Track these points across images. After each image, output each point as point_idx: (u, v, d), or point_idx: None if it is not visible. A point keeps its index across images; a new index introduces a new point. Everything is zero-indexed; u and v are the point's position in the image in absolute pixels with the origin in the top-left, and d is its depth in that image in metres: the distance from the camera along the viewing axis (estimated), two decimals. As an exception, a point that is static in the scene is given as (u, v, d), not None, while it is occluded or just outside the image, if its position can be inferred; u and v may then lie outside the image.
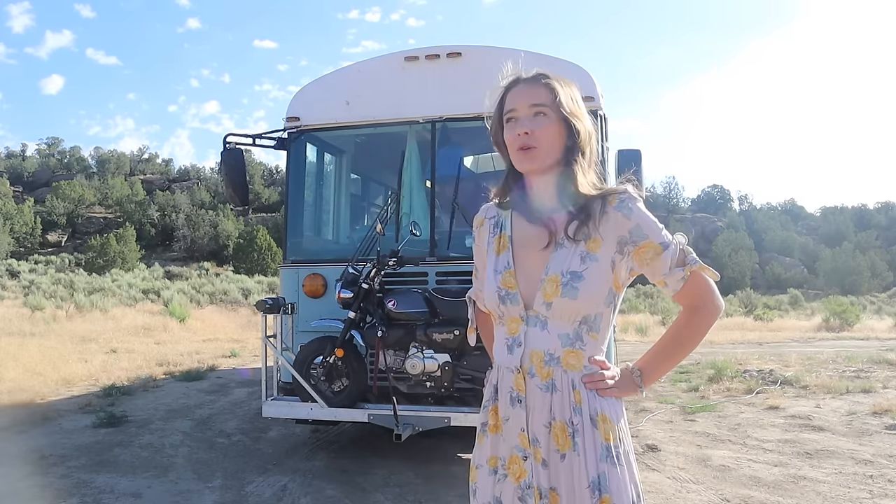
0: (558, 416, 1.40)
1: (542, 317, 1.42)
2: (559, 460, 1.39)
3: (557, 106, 1.40)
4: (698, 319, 1.45)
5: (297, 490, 4.01)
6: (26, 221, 50.48)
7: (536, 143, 1.41)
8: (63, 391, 7.19)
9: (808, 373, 8.05)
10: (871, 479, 4.11)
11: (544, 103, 1.41)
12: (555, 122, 1.41)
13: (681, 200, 74.12)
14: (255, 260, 38.28)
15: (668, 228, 1.42)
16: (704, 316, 1.44)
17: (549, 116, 1.41)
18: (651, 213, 1.42)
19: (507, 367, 1.46)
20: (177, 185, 68.82)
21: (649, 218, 1.41)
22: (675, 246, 1.41)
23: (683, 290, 1.42)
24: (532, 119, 1.41)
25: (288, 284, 4.81)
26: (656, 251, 1.39)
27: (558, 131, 1.41)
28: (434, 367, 4.04)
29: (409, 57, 4.70)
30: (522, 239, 1.48)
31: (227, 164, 4.83)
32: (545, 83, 1.42)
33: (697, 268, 1.41)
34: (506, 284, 1.46)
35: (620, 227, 1.39)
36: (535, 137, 1.41)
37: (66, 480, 4.16)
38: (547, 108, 1.41)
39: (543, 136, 1.40)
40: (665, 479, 4.19)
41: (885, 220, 65.52)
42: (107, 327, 13.27)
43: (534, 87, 1.43)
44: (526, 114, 1.41)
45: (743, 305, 25.98)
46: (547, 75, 1.45)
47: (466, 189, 4.66)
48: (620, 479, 1.37)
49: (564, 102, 1.40)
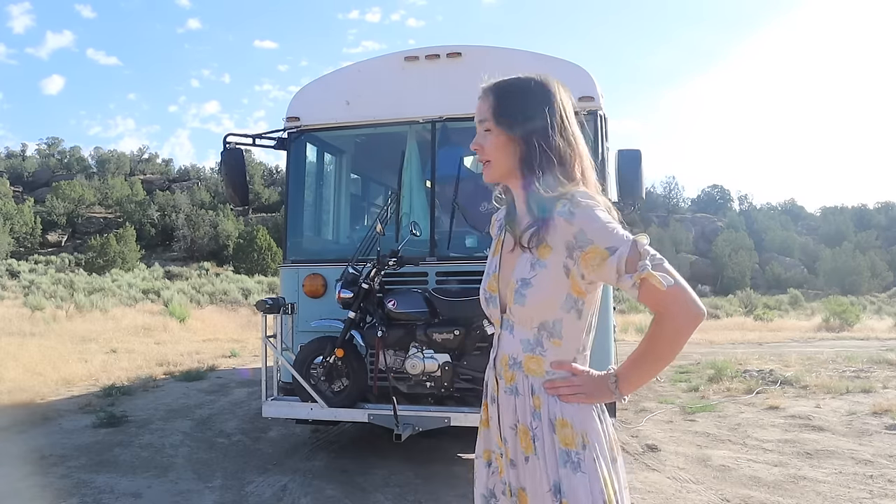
0: (521, 420, 1.43)
1: (510, 321, 1.46)
2: (524, 462, 1.42)
3: (493, 117, 1.42)
4: (665, 329, 1.36)
5: (297, 490, 4.01)
6: (26, 221, 50.48)
7: (489, 156, 1.45)
8: (63, 391, 7.19)
9: (808, 373, 8.05)
10: (871, 479, 4.11)
11: (484, 118, 1.44)
12: (498, 133, 1.42)
13: (681, 200, 74.08)
14: (255, 260, 38.28)
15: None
16: (670, 325, 1.35)
17: (492, 129, 1.43)
18: (605, 215, 1.35)
19: (490, 366, 1.54)
20: (177, 185, 68.81)
21: (596, 222, 1.33)
22: (625, 249, 1.30)
23: (641, 297, 1.32)
24: (483, 134, 1.45)
25: (288, 284, 4.81)
26: (602, 257, 1.32)
27: (503, 141, 1.42)
28: (434, 367, 4.04)
29: (409, 57, 4.70)
30: (509, 243, 1.50)
31: (227, 164, 4.83)
32: (484, 95, 1.45)
33: (646, 274, 1.29)
34: (490, 287, 1.51)
35: (565, 232, 1.35)
36: (485, 152, 1.45)
37: (66, 480, 4.16)
38: (487, 122, 1.44)
39: (491, 149, 1.44)
40: (665, 479, 4.19)
41: (885, 220, 65.48)
42: (107, 327, 13.27)
43: (480, 101, 1.46)
44: (479, 129, 1.46)
45: (743, 305, 25.99)
46: (491, 86, 1.46)
47: (466, 189, 4.65)
48: (579, 484, 1.34)
49: (498, 112, 1.42)
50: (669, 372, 8.78)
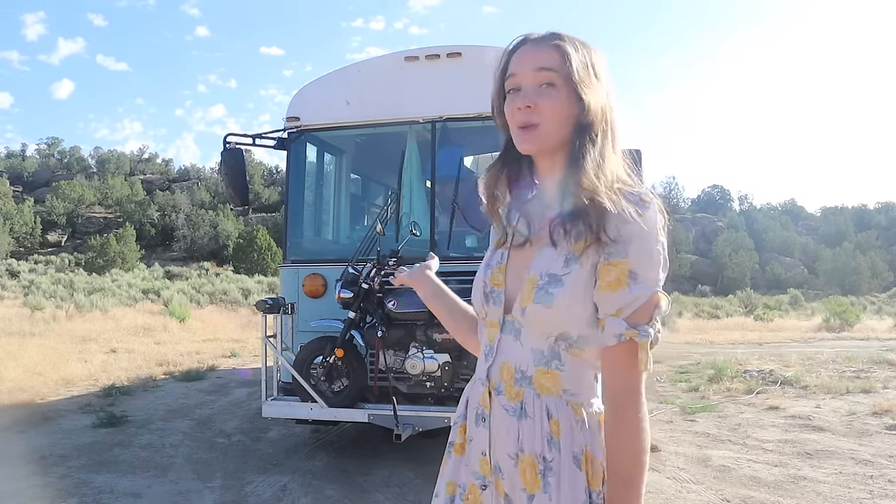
0: (527, 448, 1.13)
1: (517, 324, 1.17)
2: (525, 500, 1.13)
3: (567, 72, 1.11)
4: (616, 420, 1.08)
5: (297, 490, 4.01)
6: (26, 221, 50.48)
7: (540, 118, 1.12)
8: (63, 391, 7.18)
9: (808, 373, 8.05)
10: (871, 479, 4.11)
11: (552, 68, 1.12)
12: (564, 93, 1.12)
13: (681, 200, 74.09)
14: (255, 260, 38.25)
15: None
16: (622, 418, 1.07)
17: (558, 86, 1.12)
18: (661, 247, 1.09)
19: (479, 378, 1.23)
20: (177, 185, 68.82)
21: (649, 242, 1.07)
22: (645, 295, 1.06)
23: (609, 358, 1.09)
24: (537, 89, 1.13)
25: (288, 284, 4.81)
26: (619, 278, 1.06)
27: (568, 105, 1.12)
28: (434, 367, 4.04)
29: (410, 57, 4.69)
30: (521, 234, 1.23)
31: (227, 165, 4.83)
32: (556, 44, 1.13)
33: (642, 342, 1.05)
34: (493, 281, 1.22)
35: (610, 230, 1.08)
36: (538, 112, 1.12)
37: (66, 480, 4.16)
38: (555, 74, 1.12)
39: (549, 110, 1.12)
40: (665, 479, 4.19)
41: (885, 220, 65.46)
42: (107, 327, 13.27)
43: (542, 48, 1.14)
44: (530, 81, 1.13)
45: (743, 305, 26.01)
46: (561, 35, 1.15)
47: (466, 189, 4.65)
48: None
49: (576, 67, 1.11)
50: (669, 372, 8.78)
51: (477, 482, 1.19)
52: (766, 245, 56.62)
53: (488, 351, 1.22)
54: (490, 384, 1.19)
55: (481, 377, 1.22)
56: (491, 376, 1.19)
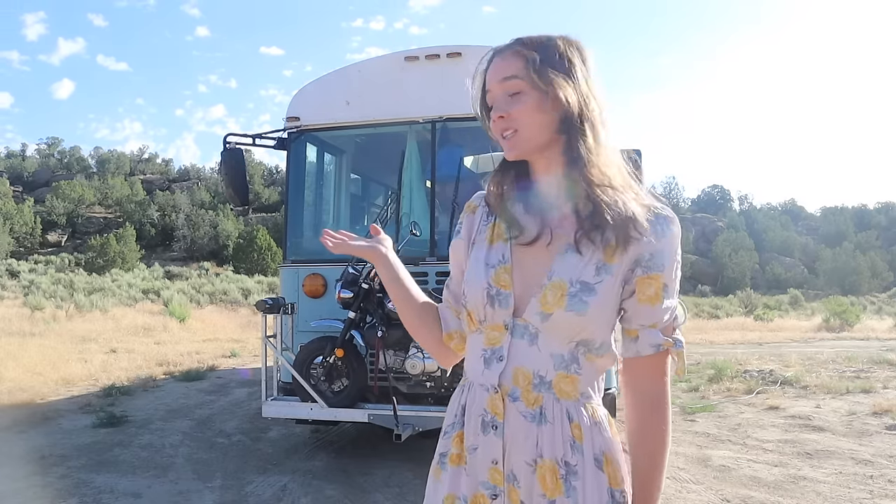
0: (547, 454, 1.12)
1: (532, 328, 1.14)
2: None
3: (531, 75, 1.12)
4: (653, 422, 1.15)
5: (297, 490, 4.01)
6: (26, 221, 50.46)
7: (517, 124, 1.14)
8: (63, 391, 7.18)
9: (808, 373, 8.05)
10: (871, 479, 4.11)
11: (516, 75, 1.13)
12: (534, 96, 1.12)
13: (681, 200, 74.07)
14: (255, 260, 38.24)
15: None
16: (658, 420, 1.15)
17: (525, 90, 1.13)
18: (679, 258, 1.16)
19: (483, 384, 1.18)
20: (177, 185, 68.81)
21: (678, 253, 1.14)
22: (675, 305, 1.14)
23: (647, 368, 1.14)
24: (507, 99, 1.14)
25: (288, 284, 4.81)
26: (658, 291, 1.11)
27: (541, 105, 1.12)
28: (434, 367, 4.04)
29: (410, 57, 4.69)
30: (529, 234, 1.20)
31: (227, 165, 4.83)
32: (516, 51, 1.14)
33: (676, 352, 1.14)
34: (499, 282, 1.17)
35: (645, 245, 1.10)
36: (513, 119, 1.14)
37: (66, 480, 4.16)
38: (520, 80, 1.13)
39: (521, 114, 1.13)
40: (665, 479, 4.19)
41: (885, 220, 65.45)
42: (107, 327, 13.27)
43: (506, 58, 1.15)
44: (499, 92, 1.15)
45: (743, 305, 26.01)
46: (522, 40, 1.16)
47: (466, 189, 4.65)
48: None
49: (539, 68, 1.11)
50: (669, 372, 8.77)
51: (486, 492, 1.16)
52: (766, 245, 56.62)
53: (490, 355, 1.18)
54: (502, 391, 1.16)
55: (485, 383, 1.18)
56: (503, 382, 1.16)
